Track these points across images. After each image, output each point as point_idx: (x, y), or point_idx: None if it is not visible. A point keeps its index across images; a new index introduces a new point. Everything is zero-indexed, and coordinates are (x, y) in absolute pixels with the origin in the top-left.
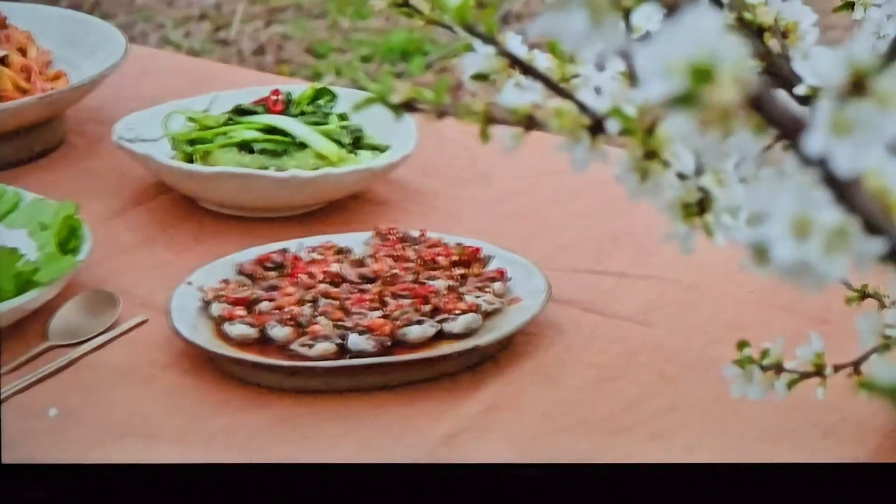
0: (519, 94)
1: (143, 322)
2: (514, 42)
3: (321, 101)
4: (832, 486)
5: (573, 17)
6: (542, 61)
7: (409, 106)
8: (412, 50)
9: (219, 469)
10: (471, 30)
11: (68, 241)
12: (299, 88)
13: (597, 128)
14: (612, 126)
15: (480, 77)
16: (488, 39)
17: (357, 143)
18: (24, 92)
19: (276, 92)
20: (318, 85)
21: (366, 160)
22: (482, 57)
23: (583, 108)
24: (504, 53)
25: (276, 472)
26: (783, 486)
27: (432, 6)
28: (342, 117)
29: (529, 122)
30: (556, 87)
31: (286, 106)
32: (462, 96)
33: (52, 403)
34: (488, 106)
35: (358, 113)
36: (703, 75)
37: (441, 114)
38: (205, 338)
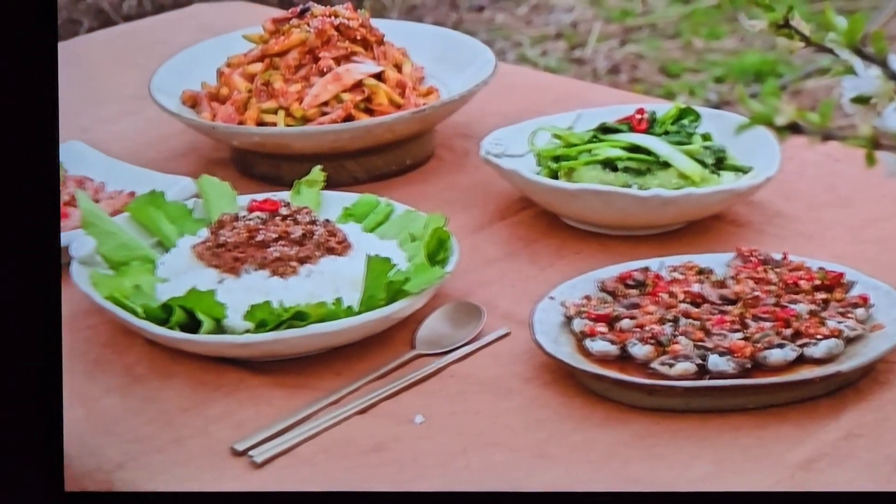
0: None
1: (506, 334)
2: None
3: (685, 121)
4: None
5: None
6: None
7: (794, 128)
8: (766, 71)
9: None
10: (859, 52)
11: (437, 252)
12: (663, 107)
13: None
14: None
15: (862, 100)
16: (879, 62)
17: (719, 163)
18: (398, 107)
19: (640, 111)
20: (683, 104)
21: (728, 181)
22: (866, 80)
23: None
24: (892, 76)
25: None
26: None
27: (816, 28)
28: (705, 137)
29: None
30: None
31: (650, 125)
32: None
33: (418, 411)
34: (875, 130)
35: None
36: None
37: (826, 137)
38: (566, 352)
